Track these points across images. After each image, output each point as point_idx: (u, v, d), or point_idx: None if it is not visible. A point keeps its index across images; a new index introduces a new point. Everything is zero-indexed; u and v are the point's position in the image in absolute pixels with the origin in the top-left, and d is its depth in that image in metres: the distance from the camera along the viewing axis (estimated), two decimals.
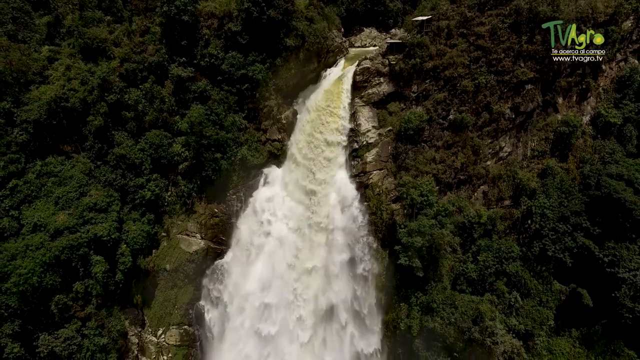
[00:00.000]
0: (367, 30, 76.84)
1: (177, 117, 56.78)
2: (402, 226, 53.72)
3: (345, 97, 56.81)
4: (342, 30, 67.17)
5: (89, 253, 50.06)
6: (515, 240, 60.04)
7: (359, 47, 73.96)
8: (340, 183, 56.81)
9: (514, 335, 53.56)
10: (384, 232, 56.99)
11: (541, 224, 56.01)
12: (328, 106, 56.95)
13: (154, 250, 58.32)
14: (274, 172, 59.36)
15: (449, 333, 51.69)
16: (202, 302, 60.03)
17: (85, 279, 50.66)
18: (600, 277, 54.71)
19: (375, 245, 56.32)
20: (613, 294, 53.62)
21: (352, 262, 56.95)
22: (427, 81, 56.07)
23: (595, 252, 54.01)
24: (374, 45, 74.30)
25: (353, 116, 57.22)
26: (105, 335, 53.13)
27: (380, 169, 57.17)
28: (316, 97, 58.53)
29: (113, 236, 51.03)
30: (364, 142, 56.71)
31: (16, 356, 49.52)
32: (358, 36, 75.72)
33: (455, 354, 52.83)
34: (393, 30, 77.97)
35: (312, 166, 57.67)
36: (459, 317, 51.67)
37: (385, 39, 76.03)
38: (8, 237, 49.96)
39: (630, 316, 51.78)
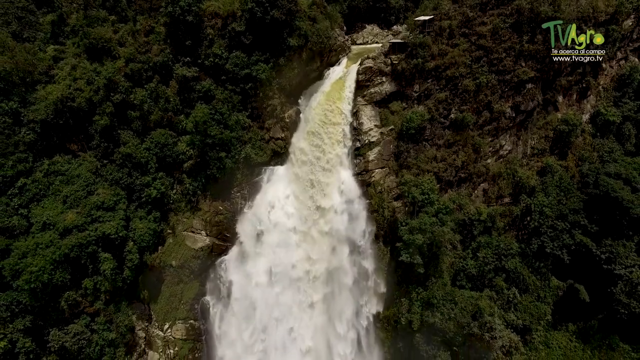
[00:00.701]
0: (368, 27, 77.16)
1: (182, 116, 57.44)
2: (404, 224, 54.75)
3: (344, 140, 57.31)
4: (345, 28, 67.45)
5: (97, 251, 51.16)
6: (514, 237, 61.28)
7: (360, 44, 74.34)
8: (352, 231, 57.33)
9: (512, 330, 55.00)
10: (386, 229, 58.10)
11: (540, 222, 57.10)
12: (318, 159, 57.26)
13: (159, 247, 59.38)
14: (277, 171, 60.15)
15: (448, 328, 52.95)
16: (207, 298, 61.24)
17: (94, 276, 51.86)
18: (596, 274, 55.99)
19: (381, 289, 57.92)
20: (609, 290, 54.99)
21: (357, 313, 58.97)
22: (429, 81, 56.68)
23: (593, 250, 55.16)
24: (376, 42, 74.64)
25: (355, 115, 57.93)
26: (114, 330, 54.48)
27: (382, 168, 58.03)
28: (299, 144, 58.50)
29: (121, 234, 52.10)
30: (366, 141, 57.49)
31: (27, 350, 51.07)
32: (360, 33, 76.09)
33: (454, 347, 54.19)
34: (395, 26, 78.15)
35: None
36: (458, 313, 52.91)
37: (387, 35, 76.53)
38: (18, 235, 51.04)
39: (626, 311, 53.14)
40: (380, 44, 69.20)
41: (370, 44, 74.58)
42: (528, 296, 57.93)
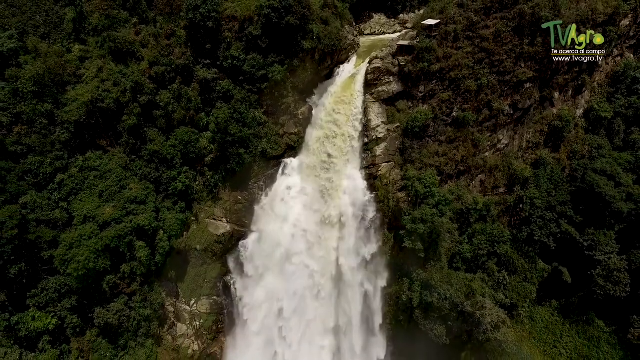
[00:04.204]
0: (376, 17, 79.36)
1: (203, 114, 61.72)
2: (407, 214, 60.38)
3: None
4: (354, 23, 70.00)
5: (133, 240, 57.08)
6: (507, 223, 67.13)
7: (368, 34, 77.15)
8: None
9: (500, 307, 61.91)
10: (390, 217, 63.75)
11: (530, 212, 62.70)
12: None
13: (185, 233, 65.37)
14: (291, 163, 65.10)
15: (444, 306, 59.64)
16: (228, 277, 68.10)
17: (130, 262, 58.03)
18: (579, 258, 62.41)
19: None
20: (589, 273, 61.56)
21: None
22: (434, 82, 60.25)
23: (577, 238, 61.19)
24: (384, 33, 77.50)
25: (364, 112, 62.04)
26: (148, 307, 61.34)
27: (388, 162, 62.79)
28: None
29: (153, 225, 57.80)
30: (374, 137, 61.89)
31: (74, 326, 58.33)
32: (367, 23, 78.54)
33: (449, 322, 61.37)
34: (402, 15, 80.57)
35: None
36: (454, 293, 59.44)
37: (394, 25, 79.31)
38: (61, 227, 56.79)
39: (602, 293, 59.93)
40: (389, 37, 72.38)
41: (377, 34, 77.31)
42: (516, 277, 64.47)
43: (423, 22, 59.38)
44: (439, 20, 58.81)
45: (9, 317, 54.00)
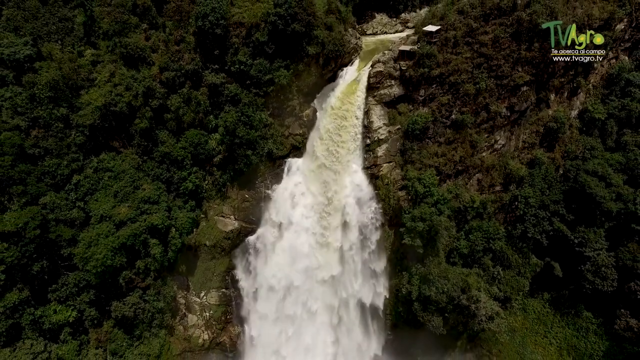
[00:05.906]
0: (378, 17, 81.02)
1: (211, 116, 64.20)
2: (407, 212, 63.37)
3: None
4: (356, 25, 71.73)
5: (147, 238, 60.17)
6: (502, 220, 70.19)
7: (370, 34, 78.94)
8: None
9: (494, 300, 65.44)
10: (391, 214, 66.80)
11: (524, 211, 65.65)
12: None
13: (194, 229, 68.54)
14: (296, 163, 67.83)
15: (441, 300, 63.04)
16: (236, 271, 71.54)
17: (145, 258, 61.29)
18: (570, 254, 65.59)
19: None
20: (579, 268, 64.84)
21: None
22: (434, 86, 62.41)
23: (568, 235, 64.28)
24: (385, 33, 79.33)
25: (366, 114, 64.44)
26: (161, 300, 65.04)
27: (389, 162, 65.54)
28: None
29: (165, 224, 60.85)
30: (375, 138, 64.44)
31: (93, 318, 61.99)
32: (370, 23, 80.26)
33: (446, 314, 64.98)
34: (403, 14, 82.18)
35: None
36: (450, 288, 62.79)
37: (396, 25, 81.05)
38: (78, 226, 59.88)
39: (590, 287, 63.32)
40: (390, 37, 74.32)
41: (379, 34, 79.12)
42: (510, 271, 67.79)
43: (424, 29, 61.21)
44: (439, 27, 60.68)
45: (34, 312, 57.50)
